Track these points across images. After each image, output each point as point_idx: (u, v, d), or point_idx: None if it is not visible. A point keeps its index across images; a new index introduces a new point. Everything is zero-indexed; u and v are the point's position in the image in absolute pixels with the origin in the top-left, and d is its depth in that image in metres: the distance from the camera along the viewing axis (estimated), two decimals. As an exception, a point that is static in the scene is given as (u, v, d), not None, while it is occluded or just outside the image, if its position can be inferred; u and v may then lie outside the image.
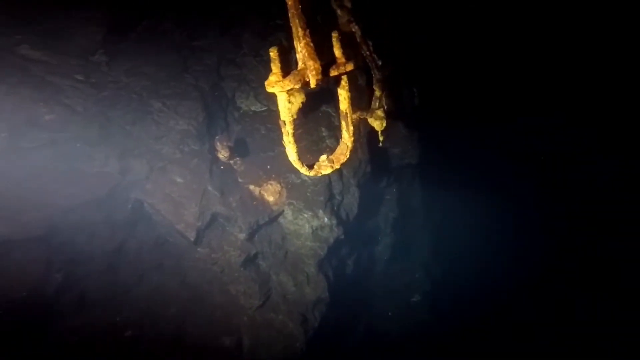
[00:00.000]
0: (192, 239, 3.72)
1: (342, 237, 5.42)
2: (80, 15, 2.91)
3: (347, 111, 3.25)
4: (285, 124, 2.92)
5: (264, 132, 4.68)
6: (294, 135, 2.99)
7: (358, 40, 4.84)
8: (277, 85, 2.72)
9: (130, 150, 3.30)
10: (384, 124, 5.35)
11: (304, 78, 2.80)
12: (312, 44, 2.73)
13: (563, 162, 7.92)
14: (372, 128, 5.44)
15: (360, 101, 5.73)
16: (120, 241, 3.23)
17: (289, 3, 2.64)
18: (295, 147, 3.03)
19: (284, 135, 2.97)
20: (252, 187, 4.53)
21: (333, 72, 2.96)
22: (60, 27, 2.84)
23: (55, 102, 2.77)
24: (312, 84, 2.83)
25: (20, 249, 2.52)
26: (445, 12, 6.27)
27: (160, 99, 3.50)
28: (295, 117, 2.92)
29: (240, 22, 4.04)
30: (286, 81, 2.73)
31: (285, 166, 4.98)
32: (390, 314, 7.55)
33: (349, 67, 3.02)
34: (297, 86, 2.78)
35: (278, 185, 4.75)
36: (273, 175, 4.77)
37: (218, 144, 4.04)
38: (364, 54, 4.92)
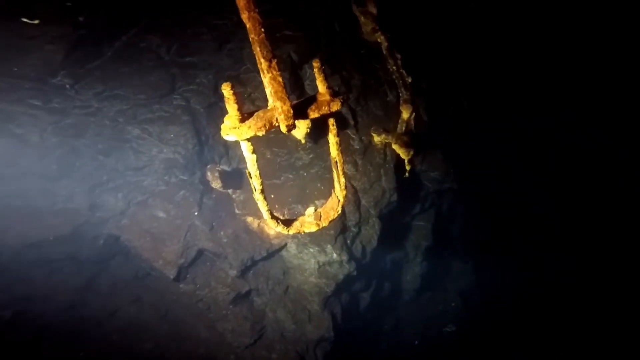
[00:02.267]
0: (171, 276, 3.24)
1: (355, 272, 4.59)
2: (33, 31, 2.42)
3: (337, 159, 2.39)
4: (251, 177, 2.19)
5: (270, 156, 3.98)
6: (263, 190, 2.25)
7: (384, 52, 3.85)
8: (232, 132, 1.99)
9: (102, 183, 2.85)
10: (411, 153, 4.31)
11: (271, 122, 2.02)
12: (279, 79, 1.93)
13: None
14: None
15: (387, 121, 4.73)
16: (89, 277, 2.87)
17: (248, 26, 1.86)
18: (265, 203, 2.28)
19: (252, 189, 2.25)
20: (250, 219, 3.89)
21: (313, 114, 2.13)
22: (11, 45, 2.38)
23: (2, 133, 2.40)
24: (283, 129, 2.04)
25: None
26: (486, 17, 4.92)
27: (140, 125, 2.97)
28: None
29: (241, 34, 3.35)
30: (245, 127, 1.98)
31: (291, 196, 4.29)
32: (416, 342, 6.66)
33: (335, 106, 2.14)
34: (260, 133, 2.02)
35: (281, 216, 4.07)
36: (276, 206, 4.08)
37: (209, 173, 3.46)
38: (390, 69, 3.92)
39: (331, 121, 2.22)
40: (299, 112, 2.08)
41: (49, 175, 2.54)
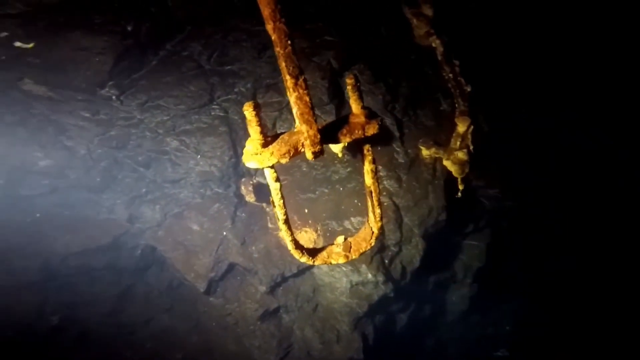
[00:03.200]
0: (202, 289, 3.13)
1: (392, 294, 4.17)
2: (84, 43, 2.37)
3: (373, 188, 2.02)
4: (275, 205, 1.92)
5: (306, 169, 3.70)
6: (286, 219, 1.97)
7: (439, 58, 3.33)
8: (254, 159, 1.72)
9: (141, 195, 2.81)
10: (466, 170, 3.73)
11: (296, 147, 1.72)
12: (306, 98, 1.61)
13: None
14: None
15: (439, 132, 4.15)
16: (127, 285, 2.86)
17: (273, 38, 1.57)
18: (289, 233, 2.00)
19: (276, 218, 1.97)
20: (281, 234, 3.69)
21: (344, 138, 1.78)
22: (64, 57, 2.36)
23: (54, 145, 2.41)
24: (309, 156, 1.73)
25: (11, 295, 2.33)
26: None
27: (179, 137, 2.86)
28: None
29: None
30: (267, 153, 1.70)
31: (326, 211, 3.96)
32: None
33: (371, 129, 1.76)
34: (284, 160, 1.73)
35: (314, 233, 3.76)
36: (310, 221, 3.79)
37: (243, 186, 3.28)
38: (446, 77, 3.38)
39: (366, 147, 1.85)
40: (329, 136, 1.74)
41: (93, 186, 2.55)
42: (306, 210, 3.68)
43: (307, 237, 3.75)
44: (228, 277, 3.26)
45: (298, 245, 2.07)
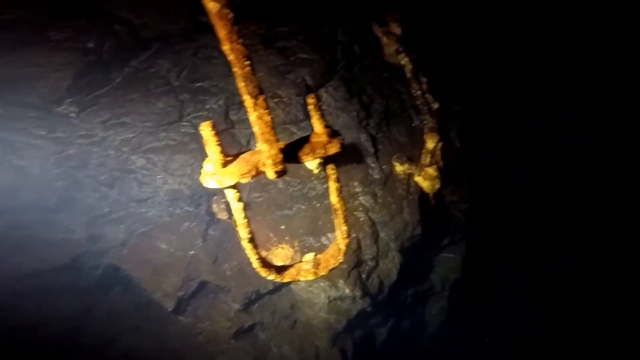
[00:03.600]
0: (170, 308, 2.99)
1: (370, 308, 4.10)
2: (39, 59, 2.23)
3: (338, 206, 1.99)
4: (237, 225, 1.85)
5: (282, 186, 3.64)
6: (250, 238, 1.90)
7: (408, 76, 3.37)
8: (213, 179, 1.66)
9: (104, 215, 2.67)
10: (437, 186, 3.76)
11: (257, 167, 1.67)
12: (267, 118, 1.57)
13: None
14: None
15: (412, 148, 4.19)
16: (87, 306, 2.69)
17: (230, 58, 1.53)
18: (254, 251, 1.94)
19: (239, 237, 1.91)
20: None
21: (306, 157, 1.74)
22: (16, 74, 2.21)
23: (2, 164, 2.27)
24: (270, 176, 1.68)
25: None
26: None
27: (145, 155, 2.77)
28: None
29: (254, 57, 3.06)
30: (227, 173, 1.65)
31: (303, 227, 3.90)
32: None
33: (333, 148, 1.74)
34: (245, 180, 1.68)
35: (291, 249, 3.68)
36: (286, 238, 3.71)
37: (215, 204, 3.19)
38: (415, 94, 3.42)
39: (330, 166, 1.82)
40: (291, 155, 1.71)
41: (48, 207, 2.40)
42: (283, 227, 3.60)
43: (284, 254, 3.66)
44: (199, 296, 3.12)
45: (264, 264, 2.01)
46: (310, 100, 1.67)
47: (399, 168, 3.85)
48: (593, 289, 6.64)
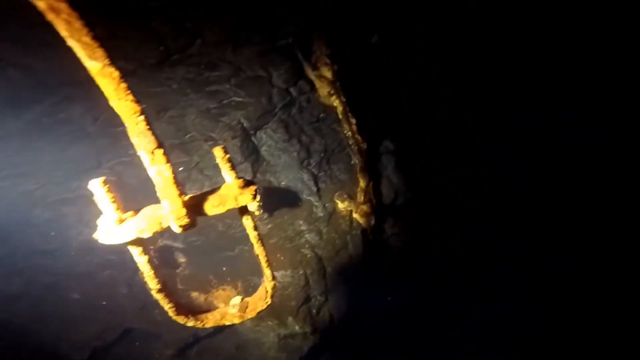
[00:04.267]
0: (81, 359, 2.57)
1: (321, 342, 3.90)
2: None
3: (259, 252, 1.87)
4: (144, 277, 1.63)
5: (222, 228, 3.44)
6: (160, 288, 1.69)
7: (340, 117, 3.44)
8: (107, 236, 1.46)
9: None
10: (372, 222, 3.78)
11: (160, 222, 1.50)
12: (168, 172, 1.43)
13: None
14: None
15: (353, 185, 4.22)
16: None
17: (120, 115, 1.39)
18: (167, 301, 1.72)
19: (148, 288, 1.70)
20: (195, 294, 3.29)
21: (216, 210, 1.61)
22: None
23: None
24: (177, 230, 1.51)
25: None
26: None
27: (53, 207, 2.45)
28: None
29: (183, 101, 2.92)
30: (123, 231, 1.46)
31: (248, 267, 3.68)
32: None
33: (245, 199, 1.63)
34: (146, 235, 1.49)
35: (234, 290, 3.44)
36: (228, 279, 3.49)
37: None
38: (347, 134, 3.49)
39: (245, 217, 1.69)
40: (199, 207, 1.56)
41: None
42: (224, 269, 3.35)
43: (226, 295, 3.39)
44: (123, 343, 2.73)
45: (180, 311, 1.81)
46: (218, 152, 1.58)
47: (341, 205, 3.84)
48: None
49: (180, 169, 3.07)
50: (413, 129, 4.50)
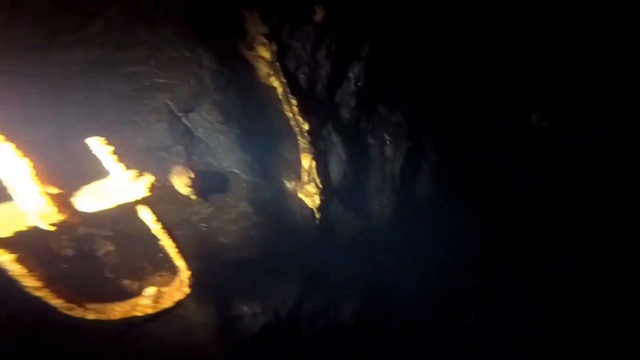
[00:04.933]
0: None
1: (274, 321, 4.03)
2: None
3: (166, 245, 1.89)
4: (20, 279, 1.58)
5: (156, 213, 3.39)
6: (42, 285, 1.61)
7: (280, 98, 3.40)
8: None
9: None
10: (317, 202, 3.84)
11: (22, 220, 1.40)
12: (21, 160, 1.33)
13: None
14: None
15: (299, 166, 4.23)
16: None
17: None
18: (54, 296, 1.65)
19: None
20: (127, 282, 3.25)
21: (100, 205, 1.53)
22: None
23: None
24: (46, 228, 1.39)
25: None
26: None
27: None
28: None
29: (91, 85, 2.77)
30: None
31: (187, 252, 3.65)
32: None
33: (136, 193, 1.59)
34: (3, 235, 1.42)
35: (172, 277, 3.42)
36: (166, 265, 3.45)
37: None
38: (287, 115, 3.46)
39: (142, 211, 1.68)
40: (73, 204, 1.46)
41: None
42: (161, 255, 3.34)
43: (164, 281, 3.40)
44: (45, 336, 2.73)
45: (73, 305, 1.78)
46: (96, 143, 1.49)
47: (289, 185, 3.86)
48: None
49: (97, 155, 2.97)
50: (365, 107, 4.52)
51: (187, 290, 2.04)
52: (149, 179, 1.56)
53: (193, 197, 2.98)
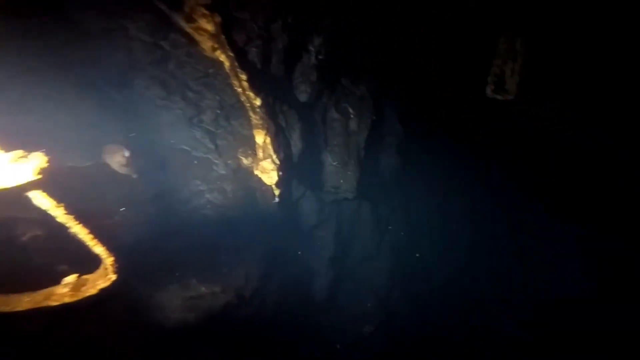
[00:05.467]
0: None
1: (237, 300, 4.03)
2: None
3: (77, 232, 1.76)
4: None
5: (94, 195, 3.19)
6: None
7: (227, 71, 3.18)
8: None
9: None
10: (275, 178, 3.74)
11: None
12: None
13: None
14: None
15: (251, 145, 4.07)
16: None
17: None
18: None
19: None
20: (64, 267, 3.03)
21: None
22: None
23: None
24: None
25: None
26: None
27: None
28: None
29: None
30: None
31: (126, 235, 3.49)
32: (338, 346, 6.25)
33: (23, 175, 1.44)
34: None
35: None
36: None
37: None
38: (236, 90, 3.26)
39: (36, 199, 1.53)
40: None
41: None
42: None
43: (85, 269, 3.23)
44: None
45: None
46: None
47: (245, 161, 3.71)
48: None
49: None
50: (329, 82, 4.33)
51: (112, 277, 1.94)
52: (38, 160, 1.41)
53: (134, 176, 2.81)
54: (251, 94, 3.00)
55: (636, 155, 5.79)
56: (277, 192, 3.60)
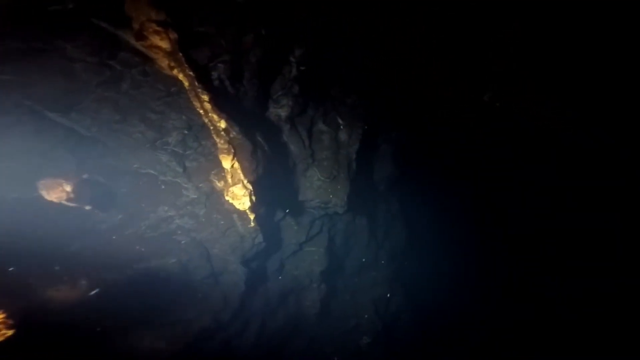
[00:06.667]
0: None
1: (214, 324, 3.76)
2: None
3: None
4: None
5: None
6: None
7: (187, 88, 2.83)
8: None
9: None
10: (248, 204, 3.37)
11: None
12: None
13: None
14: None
15: (220, 169, 3.66)
16: None
17: None
18: None
19: None
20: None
21: None
22: None
23: None
24: None
25: None
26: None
27: None
28: None
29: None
30: None
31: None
32: (335, 358, 6.00)
33: None
34: None
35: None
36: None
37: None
38: (199, 112, 2.92)
39: None
40: None
41: None
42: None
43: None
44: None
45: None
46: None
47: (219, 184, 3.40)
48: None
49: None
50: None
51: (7, 332, 1.66)
52: None
53: (86, 207, 2.55)
54: (214, 116, 2.67)
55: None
56: (252, 216, 3.28)
